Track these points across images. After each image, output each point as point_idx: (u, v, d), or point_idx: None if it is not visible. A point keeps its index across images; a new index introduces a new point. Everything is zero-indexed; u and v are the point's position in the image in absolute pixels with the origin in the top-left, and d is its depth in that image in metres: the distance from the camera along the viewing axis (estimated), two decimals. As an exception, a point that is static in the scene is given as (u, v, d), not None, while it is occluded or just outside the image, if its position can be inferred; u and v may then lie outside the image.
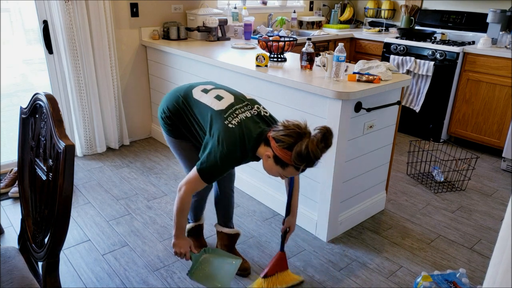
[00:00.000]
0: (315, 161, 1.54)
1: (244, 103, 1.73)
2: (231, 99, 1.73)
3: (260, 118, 1.71)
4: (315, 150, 1.49)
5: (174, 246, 1.78)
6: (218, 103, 1.71)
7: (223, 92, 1.78)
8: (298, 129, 1.54)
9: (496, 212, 2.74)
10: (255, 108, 1.73)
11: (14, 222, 2.47)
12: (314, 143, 1.49)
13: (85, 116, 3.26)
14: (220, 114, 1.67)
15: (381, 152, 2.49)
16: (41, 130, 1.43)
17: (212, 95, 1.76)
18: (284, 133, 1.54)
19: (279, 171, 1.60)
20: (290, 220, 1.94)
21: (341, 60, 2.18)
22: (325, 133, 1.52)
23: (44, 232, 1.40)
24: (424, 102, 3.85)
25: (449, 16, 4.06)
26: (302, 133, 1.53)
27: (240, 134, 1.62)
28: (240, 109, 1.69)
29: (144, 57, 3.59)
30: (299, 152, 1.50)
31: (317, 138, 1.50)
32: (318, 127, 1.54)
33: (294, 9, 4.52)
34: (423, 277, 1.92)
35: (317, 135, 1.51)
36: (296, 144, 1.51)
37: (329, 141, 1.54)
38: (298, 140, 1.52)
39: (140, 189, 2.89)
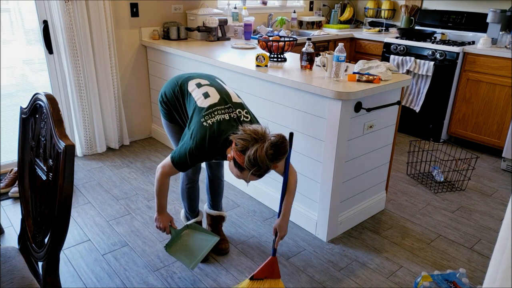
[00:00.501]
0: (265, 168, 1.58)
1: (227, 105, 1.79)
2: (215, 99, 1.80)
3: (237, 121, 1.76)
4: (263, 157, 1.54)
5: (155, 221, 1.99)
6: (203, 100, 1.81)
7: (212, 91, 1.85)
8: (254, 134, 1.58)
9: (496, 212, 2.74)
10: (236, 112, 1.79)
11: (14, 222, 2.47)
12: (262, 150, 1.54)
13: (85, 116, 3.26)
14: (200, 111, 1.78)
15: (381, 152, 2.49)
16: (41, 130, 1.43)
17: (201, 91, 1.86)
18: (240, 137, 1.60)
19: (237, 173, 1.67)
20: (279, 223, 1.90)
21: (341, 60, 2.18)
22: (277, 142, 1.56)
23: (44, 232, 1.40)
24: (424, 102, 3.85)
25: (449, 16, 4.06)
26: (257, 138, 1.58)
27: (211, 133, 1.70)
28: (220, 110, 1.76)
29: (144, 57, 3.59)
30: (248, 156, 1.56)
31: (267, 145, 1.55)
32: (275, 134, 1.60)
33: (294, 9, 4.52)
34: (423, 277, 1.92)
35: (268, 141, 1.56)
36: (249, 148, 1.57)
37: (281, 149, 1.58)
38: (251, 144, 1.57)
39: (140, 189, 2.89)
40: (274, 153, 1.56)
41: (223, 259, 2.19)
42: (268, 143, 1.56)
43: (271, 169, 1.63)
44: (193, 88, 1.89)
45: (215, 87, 1.87)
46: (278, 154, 1.58)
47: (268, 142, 1.56)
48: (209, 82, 1.92)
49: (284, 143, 1.59)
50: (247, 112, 1.83)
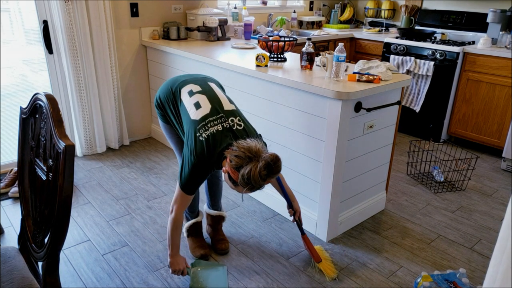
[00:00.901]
0: (258, 186, 1.61)
1: (219, 115, 1.78)
2: (207, 110, 1.79)
3: (230, 131, 1.75)
4: (256, 177, 1.56)
5: (171, 265, 1.94)
6: (195, 112, 1.80)
7: (203, 100, 1.83)
8: (248, 153, 1.60)
9: (496, 212, 2.74)
10: (229, 121, 1.78)
11: (14, 222, 2.47)
12: (256, 170, 1.56)
13: (85, 116, 3.26)
14: (194, 124, 1.77)
15: (381, 152, 2.49)
16: (41, 130, 1.43)
17: (193, 100, 1.85)
18: (235, 154, 1.62)
19: (231, 186, 1.69)
20: (295, 206, 2.10)
21: (341, 60, 2.18)
22: (269, 162, 1.57)
23: (44, 232, 1.40)
24: (424, 102, 3.85)
25: (449, 16, 4.06)
26: (251, 157, 1.59)
27: (207, 147, 1.71)
28: (213, 121, 1.76)
29: (144, 57, 3.59)
30: (242, 175, 1.58)
31: (261, 165, 1.56)
32: (268, 153, 1.61)
33: (294, 9, 4.52)
34: (423, 277, 1.92)
35: (262, 162, 1.57)
36: (243, 166, 1.59)
37: (274, 169, 1.59)
38: (245, 163, 1.59)
39: (140, 189, 2.89)
40: (267, 174, 1.58)
41: (223, 259, 2.19)
42: (262, 163, 1.57)
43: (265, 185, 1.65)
44: (185, 97, 1.88)
45: (206, 95, 1.86)
46: (272, 173, 1.60)
47: (262, 163, 1.57)
48: (201, 88, 1.90)
49: (278, 163, 1.60)
50: (239, 119, 1.81)
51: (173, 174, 3.10)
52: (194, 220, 2.26)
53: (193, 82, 1.94)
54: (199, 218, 2.29)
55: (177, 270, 1.93)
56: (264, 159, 1.58)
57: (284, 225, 2.51)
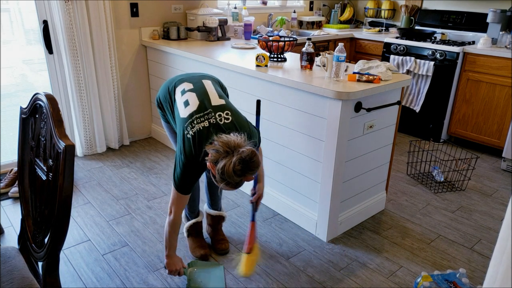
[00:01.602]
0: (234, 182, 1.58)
1: (206, 111, 1.76)
2: (194, 107, 1.78)
3: (216, 127, 1.72)
4: (230, 172, 1.53)
5: (168, 266, 1.93)
6: (183, 110, 1.80)
7: (192, 97, 1.82)
8: (226, 147, 1.56)
9: (496, 212, 2.74)
10: (216, 116, 1.74)
11: (14, 222, 2.47)
12: (230, 165, 1.53)
13: (85, 116, 3.26)
14: (182, 122, 1.77)
15: (381, 152, 2.49)
16: (41, 130, 1.43)
17: (183, 99, 1.85)
18: (213, 148, 1.59)
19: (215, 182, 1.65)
20: (259, 186, 2.03)
21: (341, 60, 2.18)
22: (244, 157, 1.53)
23: (44, 232, 1.40)
24: (424, 102, 3.85)
25: (449, 16, 4.06)
26: (228, 151, 1.56)
27: (193, 144, 1.70)
28: (200, 118, 1.74)
29: (144, 57, 3.59)
30: (218, 169, 1.56)
31: (235, 160, 1.53)
32: (246, 148, 1.55)
33: (294, 9, 4.52)
34: (423, 277, 1.92)
35: (237, 156, 1.54)
36: (219, 161, 1.56)
37: (250, 165, 1.55)
38: (222, 157, 1.56)
39: (140, 189, 2.89)
40: (242, 169, 1.54)
41: (223, 259, 2.19)
42: (236, 158, 1.53)
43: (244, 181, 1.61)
44: (178, 95, 1.89)
45: (196, 92, 1.85)
46: (247, 169, 1.56)
47: (237, 157, 1.54)
48: (193, 86, 1.89)
49: (254, 159, 1.56)
50: (227, 113, 1.77)
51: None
52: (194, 220, 2.25)
53: (188, 81, 1.94)
54: (199, 218, 2.29)
55: (174, 271, 1.93)
56: (240, 153, 1.54)
57: (284, 225, 2.51)
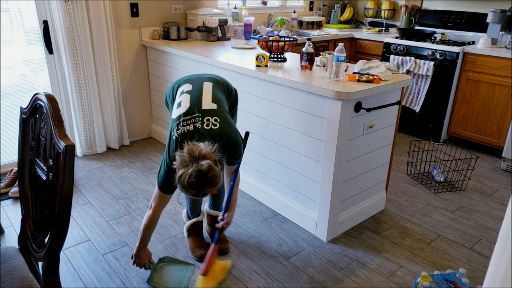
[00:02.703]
0: (189, 193, 1.58)
1: (194, 114, 1.77)
2: (183, 109, 1.79)
3: (201, 132, 1.72)
4: (184, 183, 1.54)
5: (135, 257, 1.98)
6: (175, 110, 1.84)
7: (186, 100, 1.84)
8: (190, 156, 1.57)
9: (496, 212, 2.74)
10: (204, 121, 1.75)
11: (14, 222, 2.47)
12: (186, 176, 1.54)
13: (85, 116, 3.26)
14: (172, 123, 1.81)
15: (381, 152, 2.49)
16: (41, 130, 1.43)
17: (179, 100, 1.87)
18: (180, 155, 1.60)
19: None
20: (229, 215, 1.99)
21: (341, 60, 2.18)
22: (202, 170, 1.53)
23: (44, 232, 1.40)
24: (424, 102, 3.85)
25: (449, 16, 4.06)
26: (191, 161, 1.56)
27: (176, 146, 1.73)
28: (186, 121, 1.76)
29: (144, 57, 3.59)
30: (176, 177, 1.58)
31: (191, 171, 1.54)
32: (206, 162, 1.55)
33: (294, 9, 4.52)
34: (423, 277, 1.92)
35: (193, 168, 1.54)
36: (179, 169, 1.58)
37: (206, 179, 1.55)
38: (183, 166, 1.57)
39: (140, 189, 2.89)
40: (196, 182, 1.54)
41: (223, 259, 2.19)
42: (193, 169, 1.53)
43: (206, 192, 1.61)
44: (177, 96, 1.92)
45: (191, 94, 1.86)
46: (203, 183, 1.55)
47: (193, 169, 1.53)
48: (191, 88, 1.90)
49: (211, 173, 1.55)
50: (216, 119, 1.76)
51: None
52: (195, 220, 2.25)
53: (190, 82, 1.95)
54: (200, 217, 2.29)
55: (139, 264, 1.98)
56: (199, 166, 1.54)
57: (284, 225, 2.51)
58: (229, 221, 2.01)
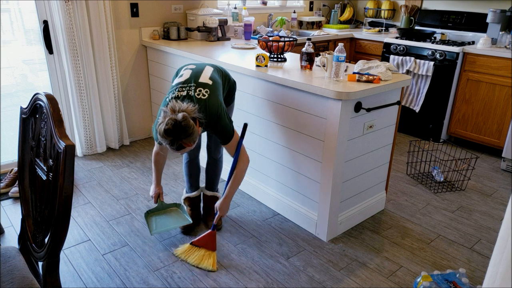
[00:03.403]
0: (166, 141, 1.77)
1: (190, 84, 1.98)
2: (183, 79, 2.02)
3: (190, 98, 1.93)
4: (161, 130, 1.76)
5: (151, 189, 2.33)
6: (176, 79, 2.08)
7: (187, 72, 2.07)
8: (171, 109, 1.79)
9: (496, 212, 2.74)
10: (197, 91, 1.96)
11: (14, 222, 2.47)
12: (162, 124, 1.75)
13: (85, 116, 3.26)
14: (170, 88, 2.03)
15: (381, 152, 2.49)
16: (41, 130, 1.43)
17: (180, 73, 2.11)
18: (163, 109, 1.82)
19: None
20: (221, 203, 2.16)
21: (341, 60, 2.18)
22: (176, 121, 1.74)
23: (44, 232, 1.40)
24: (424, 102, 3.85)
25: (449, 16, 4.06)
26: (169, 114, 1.78)
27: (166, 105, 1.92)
28: (182, 87, 1.98)
29: (144, 57, 3.59)
30: (155, 125, 1.82)
31: (167, 119, 1.75)
32: (183, 115, 1.76)
33: (294, 9, 4.52)
34: (423, 277, 1.92)
35: (170, 117, 1.75)
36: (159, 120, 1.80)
37: (180, 129, 1.74)
38: (163, 117, 1.78)
39: (140, 189, 2.89)
40: (171, 130, 1.73)
41: (223, 259, 2.20)
42: (169, 118, 1.74)
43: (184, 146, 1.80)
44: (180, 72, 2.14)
45: (192, 70, 2.07)
46: (176, 131, 1.74)
47: (170, 117, 1.74)
48: (195, 66, 2.12)
49: (184, 122, 1.74)
50: (207, 91, 1.96)
51: (173, 174, 3.10)
52: (187, 195, 2.49)
53: (194, 64, 2.18)
54: (196, 193, 2.50)
55: (151, 195, 2.32)
56: (175, 116, 1.75)
57: (284, 225, 2.51)
58: (221, 209, 2.16)
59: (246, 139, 2.72)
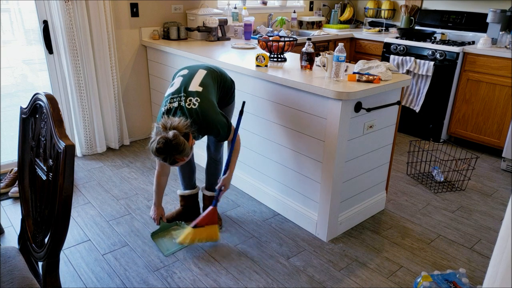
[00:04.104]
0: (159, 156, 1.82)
1: (180, 94, 2.03)
2: (174, 89, 2.07)
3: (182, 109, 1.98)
4: (153, 149, 1.81)
5: (151, 211, 2.35)
6: (168, 90, 2.12)
7: (178, 81, 2.11)
8: (162, 126, 1.84)
9: (496, 212, 2.74)
10: (187, 100, 2.00)
11: (14, 222, 2.47)
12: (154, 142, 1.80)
13: (85, 116, 3.26)
14: (163, 99, 2.09)
15: (381, 152, 2.49)
16: (41, 130, 1.43)
17: (172, 82, 2.15)
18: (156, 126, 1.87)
19: None
20: (226, 178, 2.24)
21: (341, 60, 2.18)
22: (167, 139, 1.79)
23: (44, 232, 1.40)
24: (424, 102, 3.85)
25: (449, 16, 4.06)
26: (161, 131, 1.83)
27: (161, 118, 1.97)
28: (174, 98, 2.03)
29: (144, 57, 3.59)
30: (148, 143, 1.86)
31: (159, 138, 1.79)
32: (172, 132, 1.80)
33: (294, 9, 4.52)
34: (423, 277, 1.92)
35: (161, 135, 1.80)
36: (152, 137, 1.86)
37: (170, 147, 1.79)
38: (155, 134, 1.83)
39: (140, 189, 2.89)
40: (162, 148, 1.78)
41: (223, 259, 2.20)
42: (160, 137, 1.78)
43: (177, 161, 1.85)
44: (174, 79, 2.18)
45: (183, 77, 2.11)
46: (168, 149, 1.79)
47: (161, 136, 1.78)
48: (187, 72, 2.15)
49: (175, 141, 1.78)
50: (197, 99, 2.00)
51: (173, 174, 3.10)
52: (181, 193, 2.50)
53: (187, 68, 2.20)
54: (191, 192, 2.50)
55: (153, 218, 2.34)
56: (166, 134, 1.79)
57: (284, 225, 2.51)
58: (226, 183, 2.25)
59: (246, 138, 2.72)
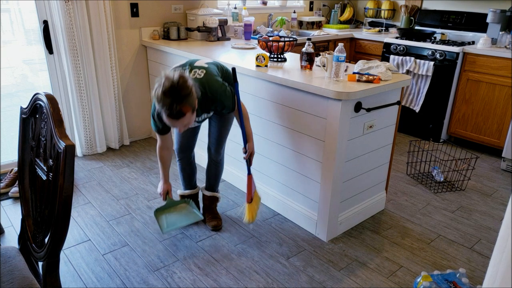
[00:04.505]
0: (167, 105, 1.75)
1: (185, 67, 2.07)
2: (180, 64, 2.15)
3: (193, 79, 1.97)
4: (158, 93, 1.76)
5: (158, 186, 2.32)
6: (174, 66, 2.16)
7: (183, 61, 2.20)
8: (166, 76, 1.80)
9: (496, 212, 2.74)
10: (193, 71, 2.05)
11: (14, 222, 2.47)
12: (160, 87, 1.76)
13: (85, 116, 3.26)
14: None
15: (381, 152, 2.49)
16: (41, 130, 1.43)
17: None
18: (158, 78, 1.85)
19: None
20: (249, 145, 2.24)
21: (341, 60, 2.18)
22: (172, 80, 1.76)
23: (44, 232, 1.40)
24: (424, 102, 3.85)
25: (449, 16, 4.06)
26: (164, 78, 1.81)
27: None
28: (179, 68, 2.02)
29: (144, 57, 3.59)
30: (152, 95, 1.82)
31: (164, 81, 1.76)
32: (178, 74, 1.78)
33: (294, 9, 4.52)
34: (423, 277, 1.92)
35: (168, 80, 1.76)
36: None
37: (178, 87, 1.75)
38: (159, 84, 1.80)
39: (140, 189, 2.89)
40: (168, 90, 1.73)
41: (223, 259, 2.20)
42: (165, 79, 1.75)
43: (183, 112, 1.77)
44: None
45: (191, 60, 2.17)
46: (173, 92, 1.73)
47: (168, 81, 1.75)
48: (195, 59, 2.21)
49: (181, 81, 1.75)
50: (202, 71, 2.04)
51: (173, 174, 3.10)
52: (182, 192, 2.52)
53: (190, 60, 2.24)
54: (191, 192, 2.52)
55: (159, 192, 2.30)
56: (171, 78, 1.76)
57: (284, 225, 2.51)
58: (252, 151, 2.25)
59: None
